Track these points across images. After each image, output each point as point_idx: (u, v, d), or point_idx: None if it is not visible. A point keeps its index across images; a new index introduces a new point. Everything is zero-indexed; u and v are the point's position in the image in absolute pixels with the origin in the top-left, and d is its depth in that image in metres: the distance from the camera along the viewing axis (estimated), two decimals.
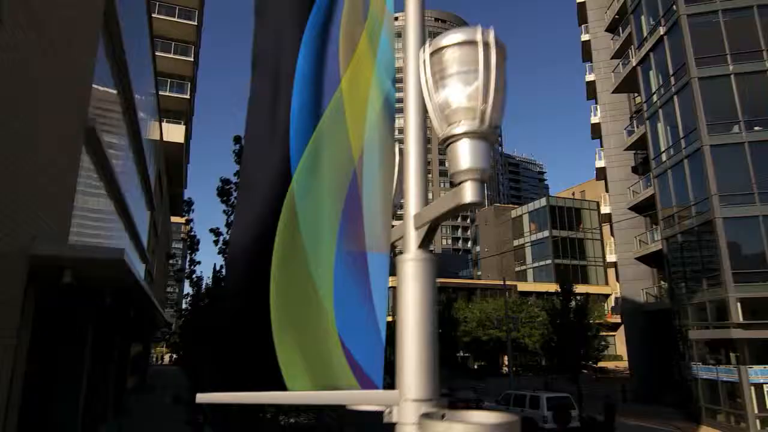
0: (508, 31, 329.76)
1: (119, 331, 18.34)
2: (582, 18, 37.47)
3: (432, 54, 2.07)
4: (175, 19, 38.23)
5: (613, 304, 45.46)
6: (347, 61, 2.73)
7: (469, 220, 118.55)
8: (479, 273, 72.27)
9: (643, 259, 30.92)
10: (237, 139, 10.76)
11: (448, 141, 1.98)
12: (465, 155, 1.86)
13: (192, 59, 38.72)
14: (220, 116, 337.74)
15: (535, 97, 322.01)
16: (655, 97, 26.51)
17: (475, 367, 49.90)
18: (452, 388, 27.96)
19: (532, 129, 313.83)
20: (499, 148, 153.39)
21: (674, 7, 24.29)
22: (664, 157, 25.92)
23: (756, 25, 22.87)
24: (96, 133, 9.93)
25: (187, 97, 38.21)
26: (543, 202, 62.86)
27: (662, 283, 29.17)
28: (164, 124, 35.80)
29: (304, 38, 2.70)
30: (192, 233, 13.08)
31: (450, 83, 2.01)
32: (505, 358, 46.07)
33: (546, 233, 61.42)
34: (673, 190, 24.98)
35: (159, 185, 30.25)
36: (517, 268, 65.35)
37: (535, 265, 63.04)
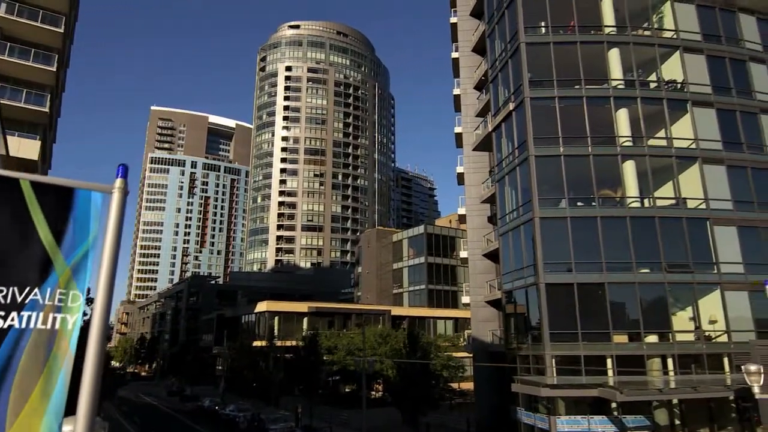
0: (413, 44, 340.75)
1: None
2: (456, 72, 40.34)
3: None
4: (38, 24, 35.34)
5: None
6: (16, 414, 2.99)
7: (357, 234, 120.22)
8: (359, 294, 74.06)
9: (492, 303, 33.96)
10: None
11: None
12: None
13: (54, 68, 35.90)
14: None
15: (435, 114, 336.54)
16: (504, 163, 29.46)
17: (347, 390, 51.16)
18: (306, 427, 28.62)
19: (424, 145, 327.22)
20: (392, 164, 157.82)
21: (521, 88, 27.28)
22: (508, 218, 28.85)
23: (584, 113, 26.43)
24: None
25: (46, 109, 35.32)
26: (421, 229, 66.13)
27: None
28: (14, 138, 33.12)
29: None
30: None
31: None
32: (375, 384, 47.76)
33: (422, 259, 64.59)
34: (512, 250, 27.92)
35: None
36: (395, 291, 67.91)
37: (411, 289, 65.98)
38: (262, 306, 52.26)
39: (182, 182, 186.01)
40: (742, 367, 14.03)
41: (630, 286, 24.10)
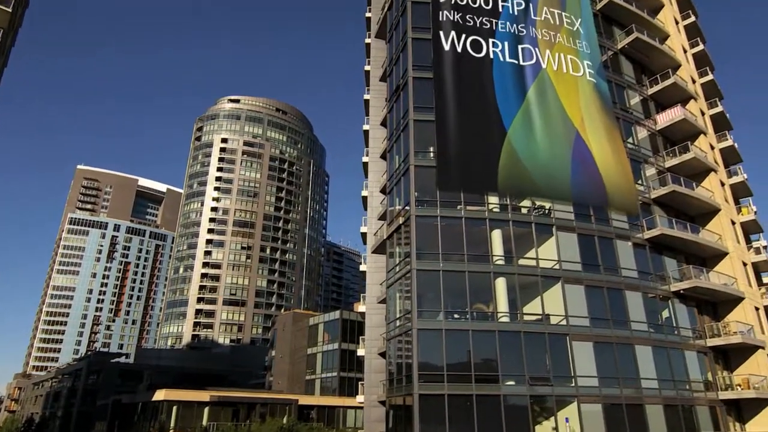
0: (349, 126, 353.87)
1: None
2: (366, 174, 43.11)
3: None
4: None
5: None
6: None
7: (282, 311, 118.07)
8: (271, 378, 72.18)
9: (384, 403, 34.66)
10: None
11: None
12: None
13: None
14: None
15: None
16: (394, 271, 31.48)
17: None
18: None
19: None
20: (324, 239, 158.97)
21: (409, 205, 29.88)
22: (398, 322, 30.43)
23: (463, 232, 29.16)
24: None
25: None
26: (337, 314, 66.50)
27: None
28: None
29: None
30: None
31: None
32: None
33: (336, 345, 64.55)
34: (395, 357, 29.27)
35: None
36: (308, 377, 66.85)
37: (324, 375, 65.24)
38: (160, 394, 49.85)
39: (102, 246, 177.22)
40: None
41: (496, 398, 25.84)
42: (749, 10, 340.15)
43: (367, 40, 46.62)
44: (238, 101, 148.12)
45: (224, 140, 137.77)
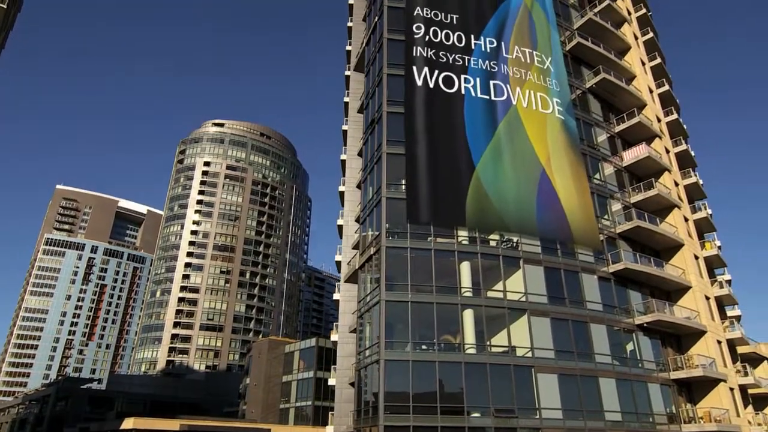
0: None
1: None
2: (342, 203, 43.70)
3: None
4: None
5: None
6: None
7: (260, 337, 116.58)
8: (245, 406, 71.02)
9: None
10: None
11: None
12: None
13: None
14: None
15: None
16: (365, 301, 31.82)
17: None
18: None
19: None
20: (303, 264, 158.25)
21: (380, 236, 30.45)
22: (367, 352, 30.63)
23: (432, 263, 29.74)
24: None
25: None
26: (313, 342, 66.10)
27: None
28: None
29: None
30: None
31: None
32: None
33: (311, 373, 63.99)
34: (363, 387, 29.39)
35: None
36: (282, 406, 65.96)
37: (299, 404, 64.45)
38: (128, 423, 48.84)
39: (78, 267, 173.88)
40: None
41: (461, 430, 26.05)
42: (717, 45, 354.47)
43: (347, 73, 47.79)
44: (222, 125, 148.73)
45: (207, 163, 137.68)
